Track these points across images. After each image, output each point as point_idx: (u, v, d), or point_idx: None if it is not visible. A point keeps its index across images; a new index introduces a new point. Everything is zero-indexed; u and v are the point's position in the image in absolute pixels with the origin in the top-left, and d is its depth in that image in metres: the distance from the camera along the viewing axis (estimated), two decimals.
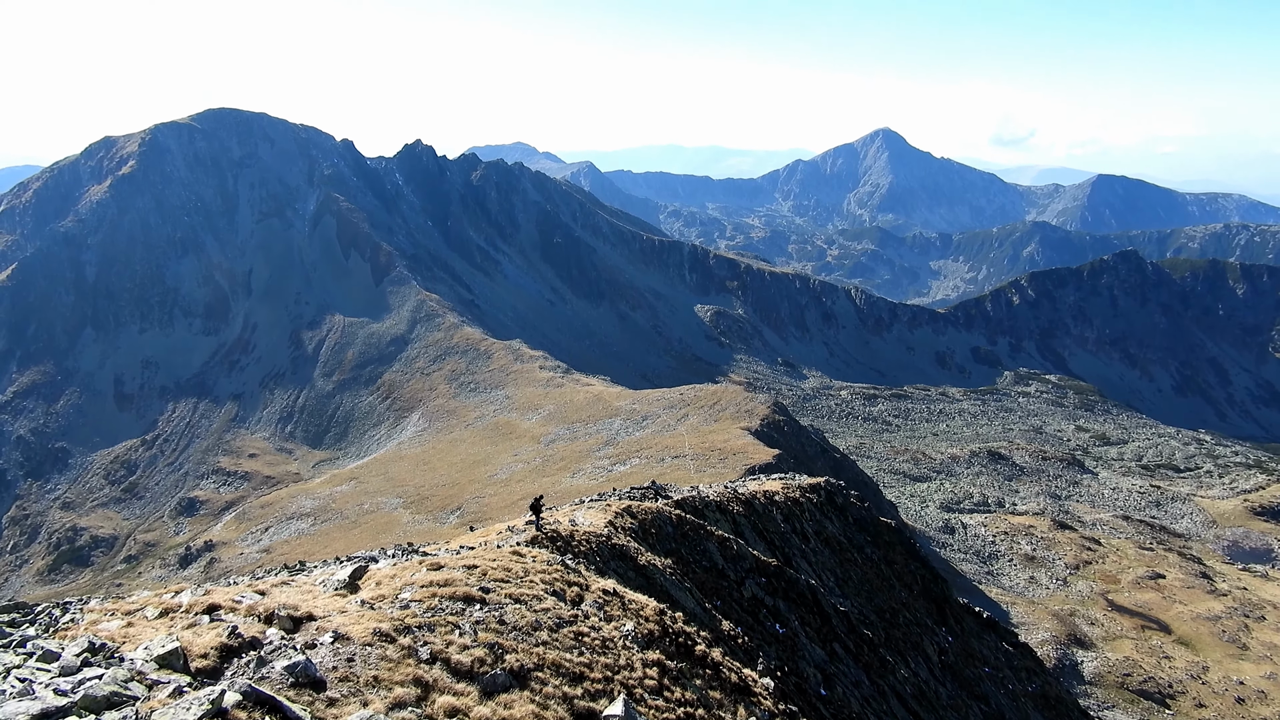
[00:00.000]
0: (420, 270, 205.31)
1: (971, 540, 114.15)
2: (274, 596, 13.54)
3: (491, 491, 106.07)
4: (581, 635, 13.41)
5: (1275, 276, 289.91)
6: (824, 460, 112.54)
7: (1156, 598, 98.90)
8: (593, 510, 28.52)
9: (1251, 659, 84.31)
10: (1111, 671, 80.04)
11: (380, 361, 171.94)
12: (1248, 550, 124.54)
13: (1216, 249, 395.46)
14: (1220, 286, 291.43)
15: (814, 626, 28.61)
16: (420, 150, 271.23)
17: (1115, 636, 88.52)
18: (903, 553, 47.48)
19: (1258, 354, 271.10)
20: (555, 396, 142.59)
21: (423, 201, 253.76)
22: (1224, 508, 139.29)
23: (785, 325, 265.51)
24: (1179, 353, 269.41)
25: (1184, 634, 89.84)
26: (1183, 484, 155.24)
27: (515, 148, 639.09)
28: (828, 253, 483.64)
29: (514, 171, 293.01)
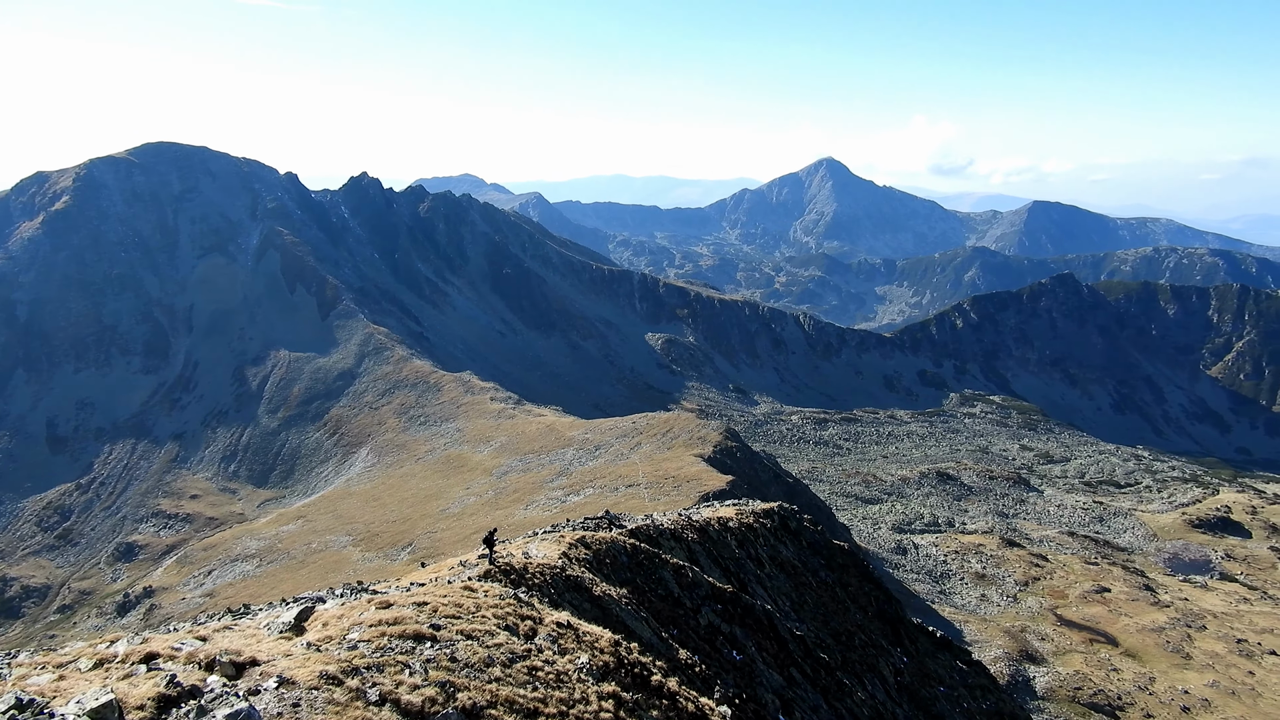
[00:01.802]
0: (368, 303, 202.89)
1: (923, 560, 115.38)
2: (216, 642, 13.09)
3: (444, 526, 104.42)
4: (535, 670, 13.19)
5: (1204, 297, 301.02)
6: (777, 485, 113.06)
7: (1103, 611, 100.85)
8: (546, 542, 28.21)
9: (1195, 668, 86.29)
10: (1063, 686, 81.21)
11: (327, 397, 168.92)
12: (1187, 562, 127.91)
13: (1148, 271, 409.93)
14: (1153, 307, 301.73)
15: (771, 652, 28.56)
16: (367, 183, 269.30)
17: (1065, 651, 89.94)
18: (857, 575, 47.77)
19: (1190, 372, 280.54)
20: (507, 428, 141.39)
21: (369, 234, 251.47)
22: (1163, 521, 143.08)
23: (736, 352, 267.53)
24: (1116, 372, 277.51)
25: (1130, 646, 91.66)
26: (1124, 499, 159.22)
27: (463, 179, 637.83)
28: (776, 280, 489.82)
29: (462, 203, 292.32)
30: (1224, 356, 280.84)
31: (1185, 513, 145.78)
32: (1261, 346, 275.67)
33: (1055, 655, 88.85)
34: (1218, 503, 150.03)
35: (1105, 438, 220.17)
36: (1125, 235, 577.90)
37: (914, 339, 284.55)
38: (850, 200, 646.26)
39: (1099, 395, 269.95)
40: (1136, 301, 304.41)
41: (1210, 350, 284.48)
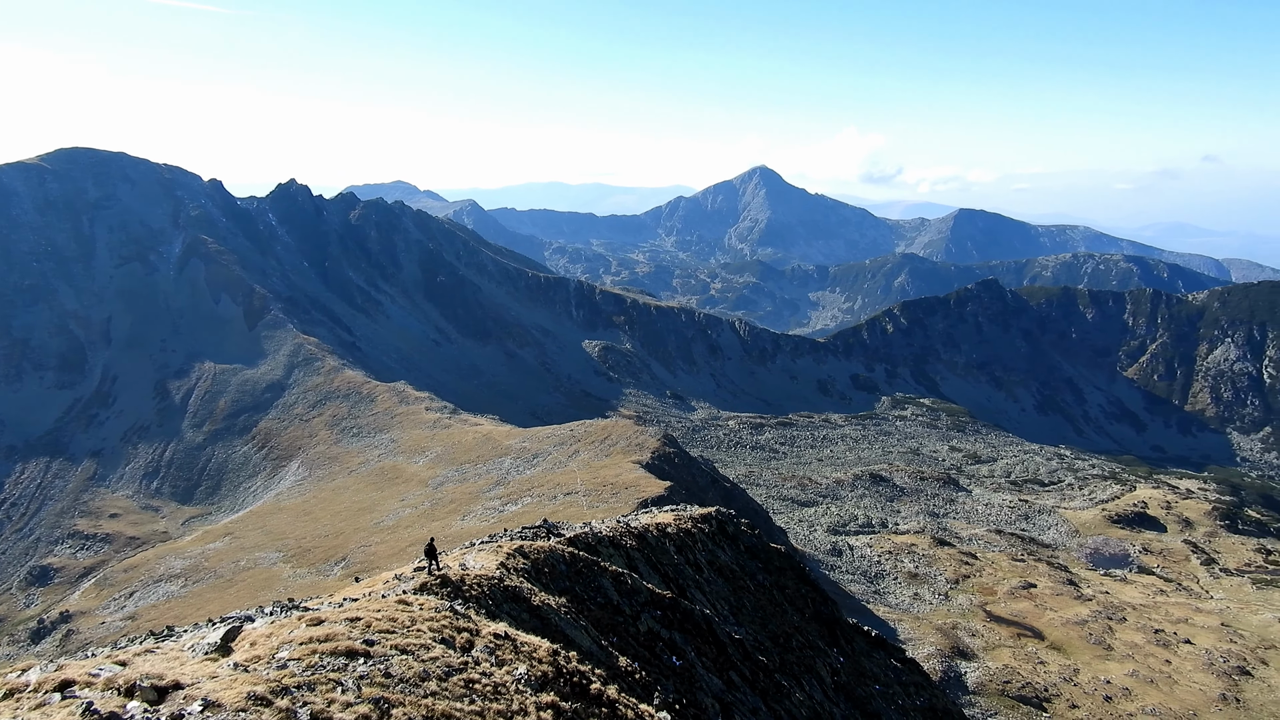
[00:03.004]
0: (297, 313, 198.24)
1: (858, 561, 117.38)
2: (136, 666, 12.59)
3: (378, 539, 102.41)
4: (472, 682, 13.02)
5: (1119, 302, 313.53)
6: (715, 490, 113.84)
7: (1030, 606, 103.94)
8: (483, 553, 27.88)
9: (1116, 659, 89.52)
10: (993, 680, 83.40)
11: (255, 409, 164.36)
12: (1107, 556, 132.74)
13: (1067, 277, 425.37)
14: (1072, 312, 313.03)
15: (710, 656, 28.69)
16: (295, 190, 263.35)
17: (994, 646, 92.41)
18: (794, 577, 48.33)
19: (1108, 373, 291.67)
20: (443, 438, 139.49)
21: (299, 243, 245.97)
22: (1085, 518, 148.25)
23: (673, 358, 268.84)
24: (1039, 374, 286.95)
25: (1056, 639, 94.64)
26: (1047, 497, 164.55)
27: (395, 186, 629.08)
28: (711, 286, 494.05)
29: (394, 210, 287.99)
30: (1139, 358, 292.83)
31: (1105, 509, 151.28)
32: (1173, 348, 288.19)
33: (985, 650, 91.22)
34: (1135, 499, 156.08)
35: (1029, 438, 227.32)
36: (1046, 242, 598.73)
37: (846, 344, 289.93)
38: (784, 208, 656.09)
39: (1023, 397, 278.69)
40: (1057, 306, 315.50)
41: (1126, 352, 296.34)
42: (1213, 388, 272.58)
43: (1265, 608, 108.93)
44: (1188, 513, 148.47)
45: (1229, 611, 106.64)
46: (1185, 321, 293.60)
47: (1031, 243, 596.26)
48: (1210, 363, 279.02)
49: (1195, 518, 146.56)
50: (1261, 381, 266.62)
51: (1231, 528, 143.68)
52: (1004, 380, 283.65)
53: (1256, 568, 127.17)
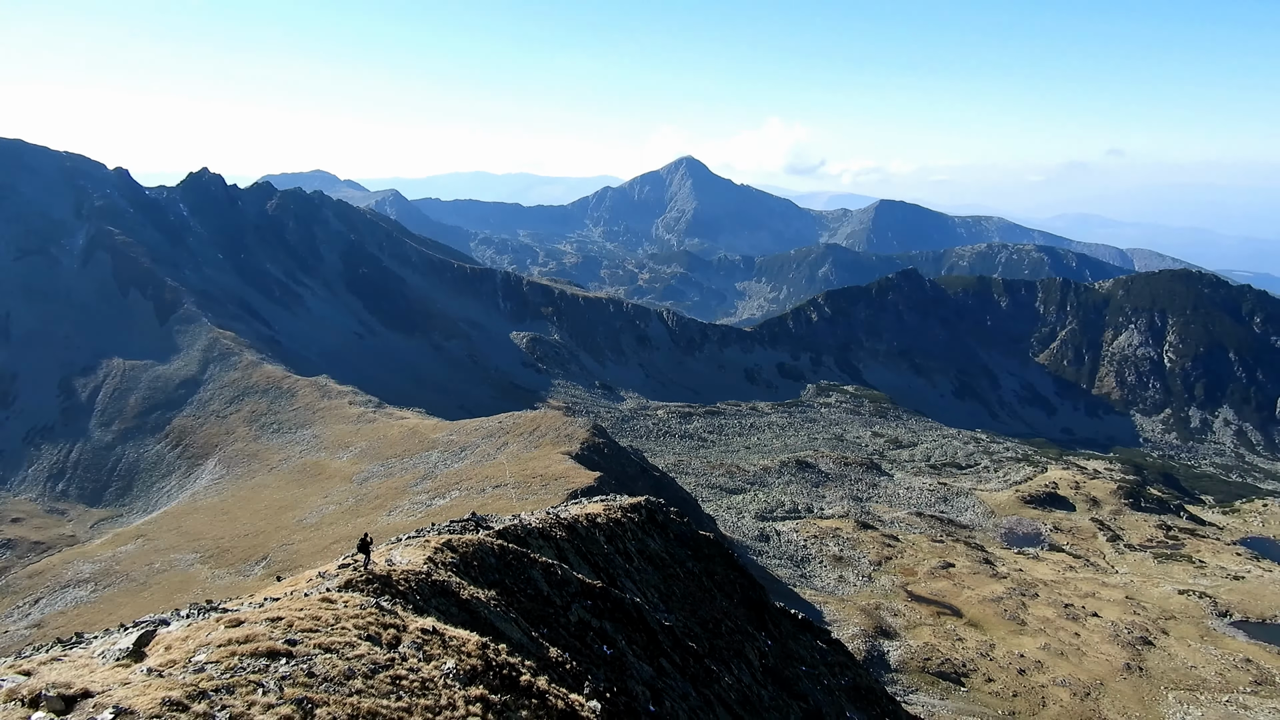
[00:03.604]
0: (212, 307, 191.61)
1: (785, 546, 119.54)
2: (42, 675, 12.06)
3: (301, 537, 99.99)
4: (399, 679, 12.85)
5: (1031, 290, 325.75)
6: (644, 479, 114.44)
7: (949, 585, 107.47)
8: (410, 547, 27.50)
9: (1029, 633, 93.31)
10: (914, 657, 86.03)
11: (169, 407, 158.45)
12: (1021, 535, 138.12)
13: (982, 266, 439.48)
14: (987, 300, 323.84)
15: (641, 644, 28.89)
16: (207, 179, 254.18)
17: (915, 625, 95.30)
18: (722, 563, 48.97)
19: (1021, 359, 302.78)
20: (367, 433, 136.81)
21: (212, 234, 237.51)
22: (1000, 499, 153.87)
23: (601, 349, 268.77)
24: (957, 361, 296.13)
25: (973, 616, 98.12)
26: (965, 480, 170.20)
27: (314, 176, 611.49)
28: (639, 277, 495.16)
29: (314, 200, 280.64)
30: (1049, 345, 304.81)
31: (1018, 490, 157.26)
32: (1081, 335, 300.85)
33: (907, 629, 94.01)
34: (1046, 480, 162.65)
35: (948, 422, 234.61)
36: (962, 233, 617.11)
37: (773, 333, 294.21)
38: (710, 199, 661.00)
39: (942, 383, 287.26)
40: (973, 295, 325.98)
41: (1038, 339, 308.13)
42: (1118, 372, 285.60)
43: (1165, 581, 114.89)
44: (1095, 492, 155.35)
45: (1132, 585, 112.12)
46: (1092, 309, 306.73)
47: (949, 233, 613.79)
48: (1115, 348, 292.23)
49: (1102, 497, 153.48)
50: (1162, 366, 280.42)
51: (1135, 506, 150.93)
52: (924, 367, 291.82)
53: (1157, 543, 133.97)
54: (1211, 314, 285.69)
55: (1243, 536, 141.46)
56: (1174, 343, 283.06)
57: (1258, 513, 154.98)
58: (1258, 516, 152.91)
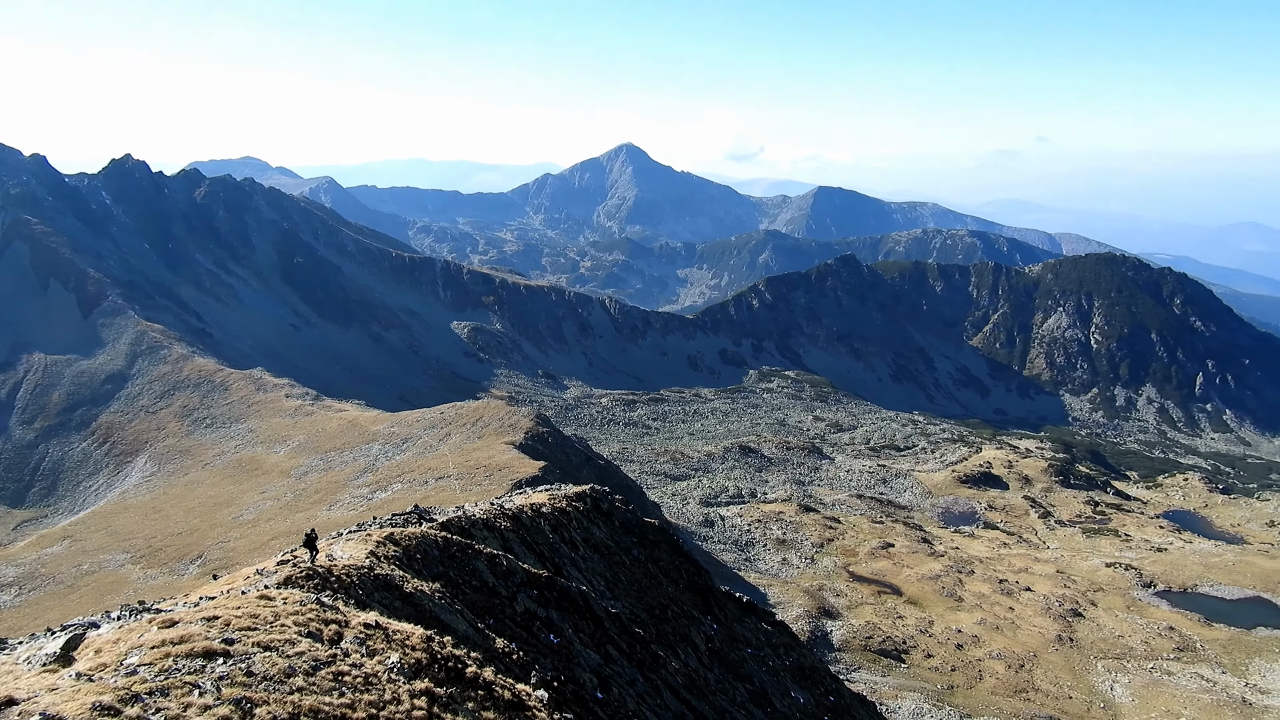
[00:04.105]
0: (138, 298, 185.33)
1: (730, 530, 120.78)
2: None
3: (237, 534, 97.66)
4: (342, 675, 12.63)
5: (965, 275, 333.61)
6: (589, 468, 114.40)
7: (889, 565, 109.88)
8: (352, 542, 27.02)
9: (966, 609, 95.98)
10: (856, 636, 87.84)
11: (94, 402, 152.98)
12: (957, 514, 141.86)
13: (918, 252, 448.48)
14: (923, 285, 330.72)
15: (588, 632, 28.91)
16: (132, 166, 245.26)
17: (857, 604, 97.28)
18: (668, 550, 49.26)
19: (955, 343, 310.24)
20: (305, 426, 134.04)
21: (138, 223, 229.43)
22: (937, 479, 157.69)
23: (544, 338, 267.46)
24: (894, 344, 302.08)
25: (912, 594, 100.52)
26: (903, 461, 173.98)
27: (244, 163, 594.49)
28: (581, 264, 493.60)
29: (244, 188, 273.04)
30: (983, 328, 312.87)
31: (954, 470, 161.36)
32: (1013, 318, 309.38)
33: (849, 609, 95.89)
34: (981, 460, 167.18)
35: (886, 405, 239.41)
36: (898, 218, 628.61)
37: (714, 320, 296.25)
38: (651, 185, 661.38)
39: (880, 367, 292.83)
40: (909, 280, 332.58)
41: (971, 322, 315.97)
42: (1047, 354, 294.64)
43: (1093, 554, 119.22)
44: (1027, 471, 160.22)
45: (1063, 559, 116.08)
46: (1023, 292, 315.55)
47: (885, 219, 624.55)
48: (1045, 330, 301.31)
49: (1034, 475, 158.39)
50: (1090, 347, 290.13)
51: (1065, 483, 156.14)
52: (862, 351, 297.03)
53: (1086, 518, 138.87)
54: (1135, 296, 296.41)
55: (1165, 510, 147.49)
56: (1100, 324, 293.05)
57: (1179, 487, 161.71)
58: (1179, 490, 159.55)
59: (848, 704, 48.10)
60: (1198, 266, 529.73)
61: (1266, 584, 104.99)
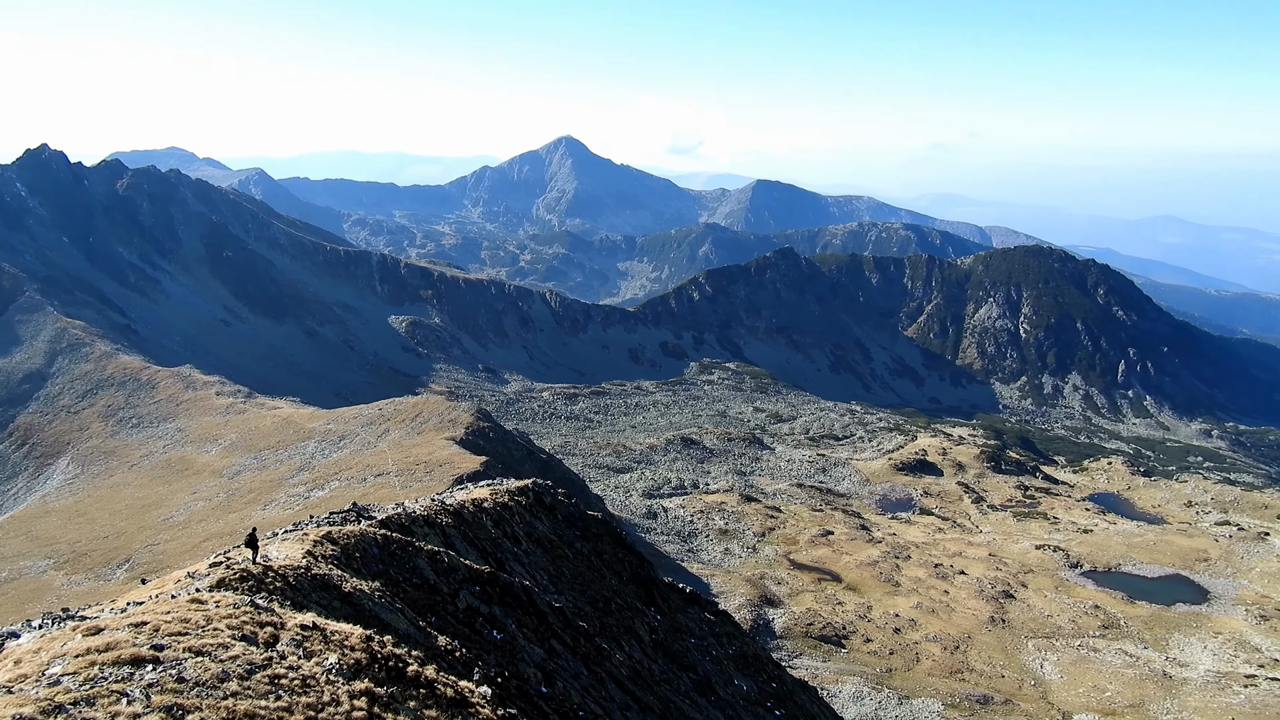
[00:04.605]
0: (57, 294, 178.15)
1: (672, 522, 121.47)
2: None
3: (167, 537, 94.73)
4: (278, 678, 12.32)
5: (900, 267, 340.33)
6: (531, 462, 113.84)
7: (828, 552, 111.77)
8: (288, 542, 26.41)
9: (903, 593, 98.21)
10: (797, 623, 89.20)
11: (11, 403, 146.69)
12: (894, 501, 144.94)
13: (854, 244, 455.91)
14: (859, 277, 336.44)
15: (531, 627, 28.76)
16: (48, 156, 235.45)
17: (798, 592, 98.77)
18: (611, 542, 49.29)
19: (891, 333, 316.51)
20: (238, 424, 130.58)
21: (55, 216, 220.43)
22: (874, 467, 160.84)
23: (484, 332, 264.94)
24: (832, 336, 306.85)
25: (851, 580, 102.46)
26: (841, 450, 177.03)
27: (169, 153, 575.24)
28: (520, 258, 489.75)
29: (170, 180, 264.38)
30: (917, 319, 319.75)
31: (891, 458, 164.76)
32: (946, 309, 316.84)
33: (790, 596, 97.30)
34: (916, 447, 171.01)
35: (825, 396, 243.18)
36: (835, 211, 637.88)
37: (655, 312, 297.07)
38: (590, 178, 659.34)
39: (818, 358, 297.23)
40: (846, 272, 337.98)
41: (906, 313, 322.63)
42: (979, 343, 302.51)
43: (1024, 537, 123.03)
44: (960, 457, 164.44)
45: (995, 543, 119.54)
46: (955, 284, 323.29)
47: (822, 212, 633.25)
48: (976, 321, 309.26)
49: (966, 461, 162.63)
50: (1019, 336, 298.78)
51: (996, 468, 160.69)
52: (801, 343, 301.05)
53: (1016, 502, 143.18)
54: (1061, 287, 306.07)
55: (1090, 493, 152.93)
56: (1028, 314, 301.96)
57: (1103, 470, 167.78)
58: (1103, 474, 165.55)
59: (789, 690, 48.80)
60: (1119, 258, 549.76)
61: (1184, 562, 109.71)
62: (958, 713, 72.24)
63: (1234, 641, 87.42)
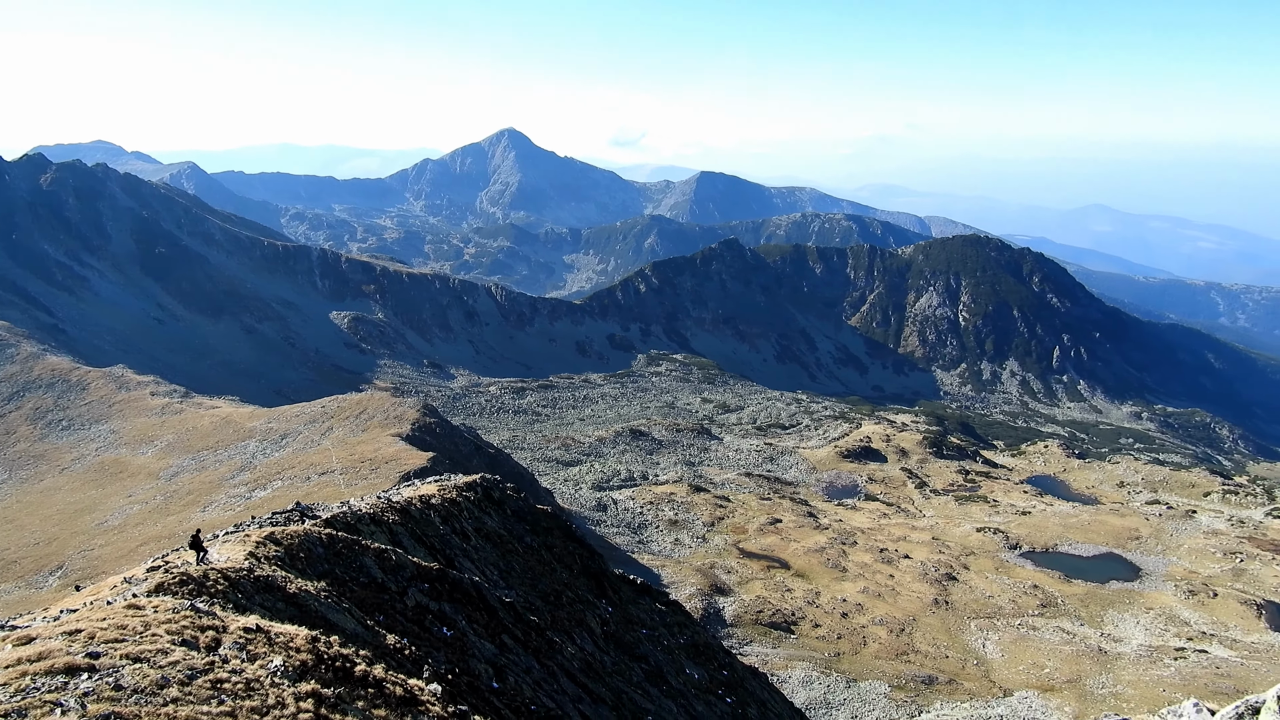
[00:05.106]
0: None
1: (622, 514, 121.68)
2: None
3: (102, 542, 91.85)
4: (220, 682, 12.04)
5: (843, 257, 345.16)
6: (479, 457, 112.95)
7: (777, 540, 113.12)
8: (229, 543, 25.81)
9: (850, 578, 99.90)
10: (747, 611, 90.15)
11: None
12: (840, 488, 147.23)
13: (798, 235, 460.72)
14: (803, 267, 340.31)
15: (482, 623, 28.59)
16: None
17: (748, 580, 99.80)
18: (561, 536, 49.20)
19: (835, 323, 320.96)
20: (174, 424, 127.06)
21: None
22: (820, 455, 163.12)
23: (428, 326, 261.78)
24: (777, 326, 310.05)
25: (800, 567, 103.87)
26: (789, 439, 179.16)
27: (96, 147, 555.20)
28: (465, 251, 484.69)
29: (97, 174, 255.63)
30: (860, 308, 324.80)
31: (837, 446, 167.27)
32: (888, 298, 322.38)
33: (740, 585, 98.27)
34: (861, 435, 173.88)
35: (771, 385, 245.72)
36: (779, 203, 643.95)
37: (602, 305, 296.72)
38: (534, 171, 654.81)
39: (764, 348, 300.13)
40: (790, 262, 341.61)
41: (849, 303, 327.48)
42: (920, 331, 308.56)
43: (965, 520, 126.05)
44: (904, 444, 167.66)
45: (938, 527, 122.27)
46: (896, 273, 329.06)
47: (766, 203, 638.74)
48: (918, 309, 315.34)
49: (909, 447, 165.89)
50: (958, 324, 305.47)
51: (938, 454, 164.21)
52: (747, 333, 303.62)
53: (958, 487, 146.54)
54: (998, 275, 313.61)
55: (1028, 476, 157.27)
56: (967, 302, 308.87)
57: (1040, 453, 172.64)
58: (1040, 457, 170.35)
59: (740, 677, 49.34)
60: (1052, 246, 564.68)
61: (1117, 540, 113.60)
62: (903, 694, 73.82)
63: (1164, 616, 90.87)
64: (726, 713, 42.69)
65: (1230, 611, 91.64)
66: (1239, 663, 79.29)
